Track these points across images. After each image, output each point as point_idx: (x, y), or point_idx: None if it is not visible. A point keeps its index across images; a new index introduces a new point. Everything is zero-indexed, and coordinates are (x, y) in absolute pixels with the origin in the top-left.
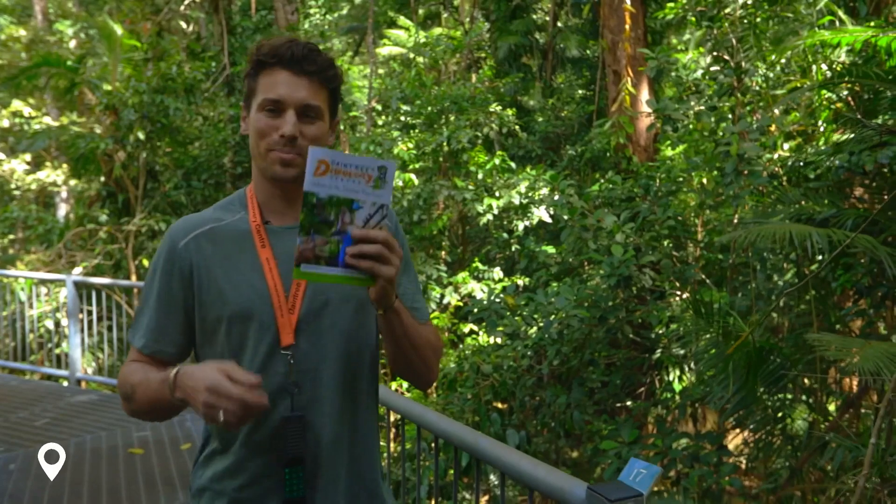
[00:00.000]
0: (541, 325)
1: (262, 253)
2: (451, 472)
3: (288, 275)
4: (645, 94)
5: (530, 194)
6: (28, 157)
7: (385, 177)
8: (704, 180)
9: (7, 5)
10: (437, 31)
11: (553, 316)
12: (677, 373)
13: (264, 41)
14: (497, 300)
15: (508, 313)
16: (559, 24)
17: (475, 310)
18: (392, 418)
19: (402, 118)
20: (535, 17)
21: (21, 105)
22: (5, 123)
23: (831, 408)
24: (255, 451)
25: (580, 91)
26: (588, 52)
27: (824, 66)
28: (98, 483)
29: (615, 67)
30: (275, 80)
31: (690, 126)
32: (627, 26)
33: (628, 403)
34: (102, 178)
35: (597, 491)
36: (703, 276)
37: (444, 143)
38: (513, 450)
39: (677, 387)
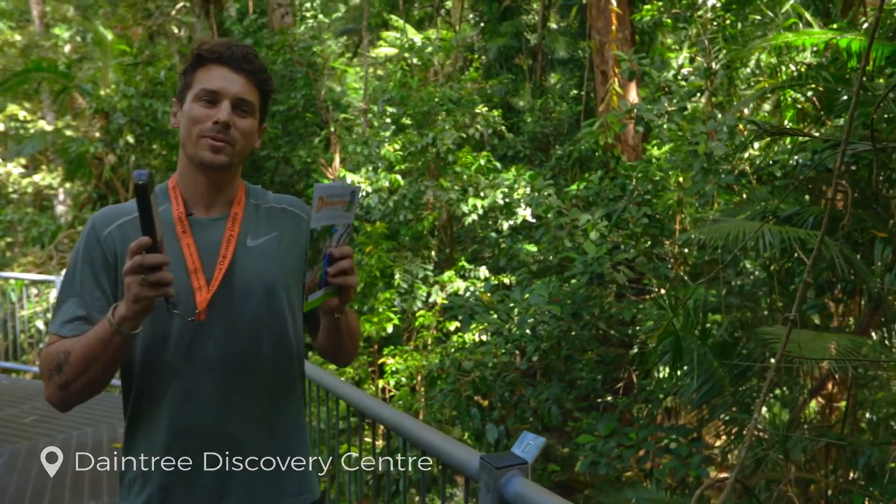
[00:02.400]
0: (516, 321)
1: (183, 239)
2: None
3: (210, 262)
4: (633, 94)
5: (511, 194)
6: (23, 160)
7: (354, 199)
8: (681, 179)
9: (6, 10)
10: (430, 32)
11: (526, 312)
12: (663, 369)
13: (204, 41)
14: (473, 298)
15: (490, 312)
16: (549, 25)
17: (453, 307)
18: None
19: (388, 120)
20: (525, 18)
21: (17, 109)
22: (0, 127)
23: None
24: (183, 436)
25: (574, 91)
26: (580, 52)
27: (793, 67)
28: (81, 477)
29: (603, 68)
30: (213, 74)
31: (672, 126)
32: (614, 27)
33: (609, 398)
34: (94, 181)
35: (487, 460)
36: (681, 273)
37: (431, 145)
38: (420, 423)
39: (648, 382)
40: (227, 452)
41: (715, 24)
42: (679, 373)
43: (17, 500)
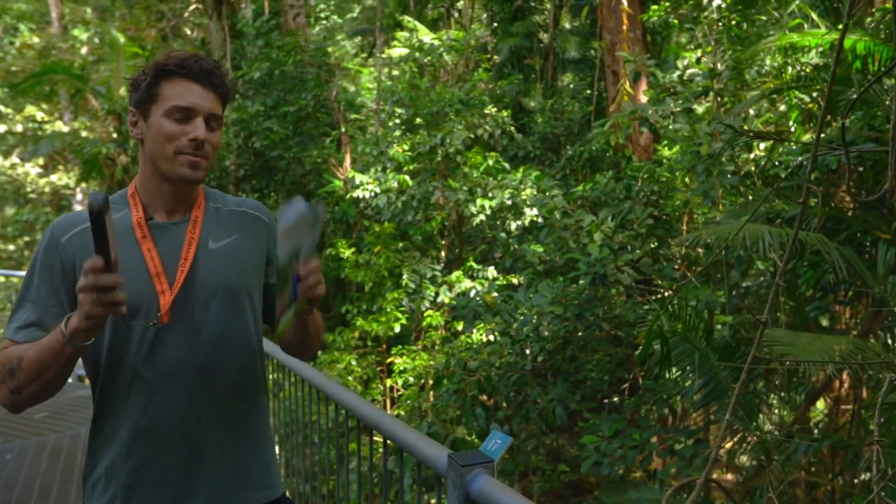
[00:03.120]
0: (519, 321)
1: (143, 244)
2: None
3: (172, 265)
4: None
5: (516, 195)
6: (41, 160)
7: (318, 216)
8: (687, 180)
9: (27, 12)
10: (442, 33)
11: (529, 312)
12: (670, 371)
13: (170, 53)
14: (477, 298)
15: (496, 313)
16: (560, 25)
17: (461, 307)
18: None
19: (397, 120)
20: (537, 18)
21: (35, 110)
22: (19, 128)
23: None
24: (145, 438)
25: (587, 91)
26: (592, 52)
27: (799, 68)
28: None
29: (614, 68)
30: (184, 90)
31: (677, 127)
32: (625, 27)
33: (615, 399)
34: (107, 181)
35: (454, 458)
36: (688, 274)
37: (439, 146)
38: (397, 421)
39: (652, 383)
40: (191, 452)
41: (721, 24)
42: (678, 373)
43: (25, 494)
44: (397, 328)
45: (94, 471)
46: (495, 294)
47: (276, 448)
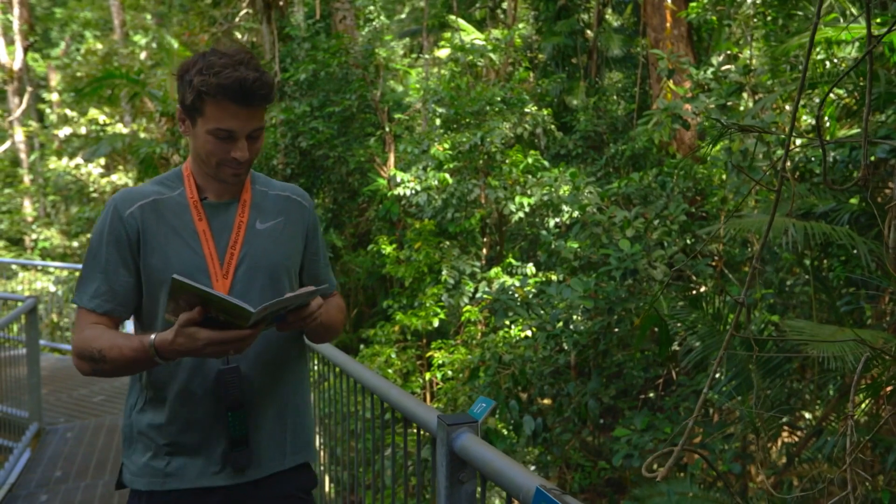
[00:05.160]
0: (550, 315)
1: (199, 225)
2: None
3: (222, 245)
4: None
5: (553, 192)
6: (103, 161)
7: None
8: (724, 177)
9: (91, 20)
10: (488, 33)
11: (560, 305)
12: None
13: (211, 61)
14: (512, 293)
15: (529, 308)
16: (604, 23)
17: (493, 300)
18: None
19: (438, 120)
20: (581, 16)
21: (98, 113)
22: (83, 130)
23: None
24: (190, 400)
25: (634, 89)
26: (638, 49)
27: (835, 62)
28: None
29: (658, 65)
30: (225, 112)
31: (712, 123)
32: (668, 24)
33: (651, 395)
34: None
35: (442, 419)
36: (725, 270)
37: (479, 144)
38: (402, 391)
39: (685, 378)
40: (233, 421)
41: (756, 20)
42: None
43: (83, 467)
44: (436, 323)
45: (139, 424)
46: (528, 289)
47: (320, 438)
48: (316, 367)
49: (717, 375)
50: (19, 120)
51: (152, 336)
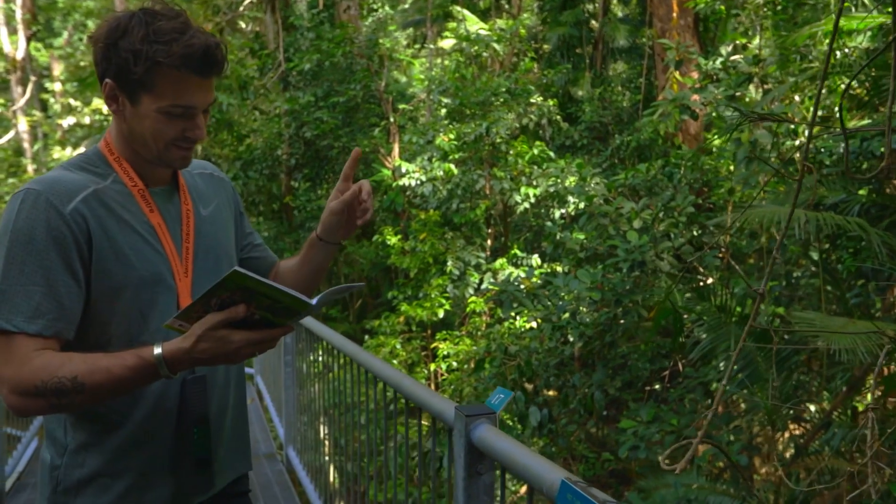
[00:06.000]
0: (557, 306)
1: (153, 218)
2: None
3: (177, 238)
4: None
5: (559, 183)
6: None
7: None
8: (731, 168)
9: (92, 8)
10: (492, 23)
11: (567, 297)
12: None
13: (160, 27)
14: (518, 284)
15: (535, 299)
16: (610, 14)
17: (500, 291)
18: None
19: (443, 110)
20: (586, 7)
21: (101, 103)
22: (87, 120)
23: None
24: (156, 421)
25: (639, 80)
26: (644, 39)
27: (846, 52)
28: None
29: (664, 56)
30: (185, 85)
31: (720, 114)
32: (675, 15)
33: (657, 387)
34: None
35: (460, 410)
36: (731, 262)
37: (485, 135)
38: (415, 381)
39: (692, 370)
40: (199, 438)
41: (766, 9)
42: (718, 360)
43: None
44: (441, 314)
45: (83, 468)
46: (535, 280)
47: (325, 428)
48: (320, 358)
49: (725, 367)
50: (23, 109)
51: (156, 347)
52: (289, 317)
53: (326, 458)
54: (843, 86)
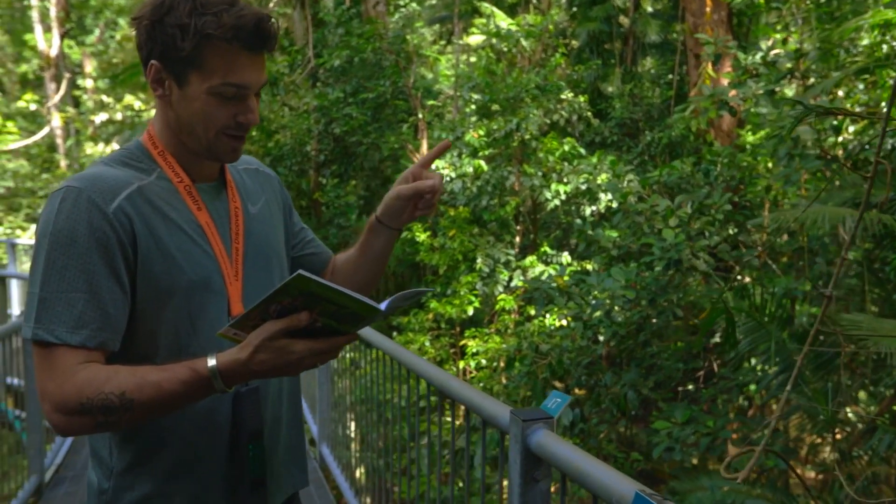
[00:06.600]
0: (591, 305)
1: (201, 217)
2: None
3: (226, 238)
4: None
5: (591, 180)
6: None
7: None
8: (770, 165)
9: (125, 6)
10: (521, 18)
11: (601, 296)
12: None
13: (214, 3)
14: (550, 282)
15: (569, 297)
16: (641, 9)
17: (533, 289)
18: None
19: (473, 106)
20: (616, 2)
21: (133, 99)
22: (118, 116)
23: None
24: (208, 434)
25: (668, 76)
26: (674, 35)
27: (894, 45)
28: None
29: (696, 51)
30: (237, 62)
31: (760, 111)
32: (708, 9)
33: (690, 387)
34: None
35: (516, 414)
36: (768, 261)
37: (515, 131)
38: (462, 383)
39: (727, 370)
40: (253, 456)
41: (809, 2)
42: (755, 361)
43: None
44: (470, 311)
45: (134, 490)
46: (567, 278)
47: (353, 424)
48: (349, 355)
49: (765, 368)
50: (56, 106)
51: (210, 359)
52: (354, 323)
53: (357, 454)
54: (890, 81)
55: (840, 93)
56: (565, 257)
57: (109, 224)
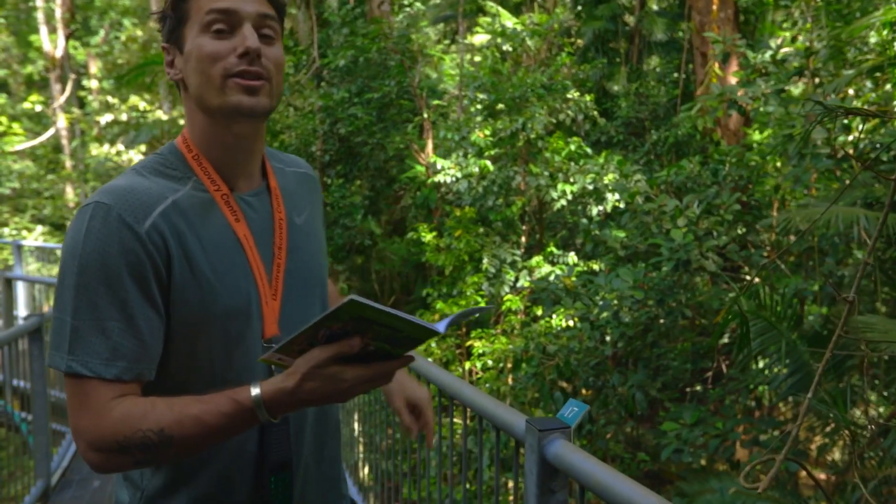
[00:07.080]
0: (599, 306)
1: (239, 229)
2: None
3: (266, 253)
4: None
5: (598, 179)
6: (143, 147)
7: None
8: (779, 164)
9: (129, 7)
10: (525, 18)
11: (609, 296)
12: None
13: None
14: (557, 282)
15: (576, 298)
16: (647, 7)
17: (540, 289)
18: None
19: (479, 106)
20: (622, 0)
21: (138, 100)
22: (124, 117)
23: None
24: (239, 463)
25: (674, 74)
26: (680, 33)
27: None
28: None
29: (703, 50)
30: None
31: (768, 109)
32: (715, 7)
33: (698, 388)
34: None
35: (532, 423)
36: (777, 261)
37: (521, 130)
38: (476, 389)
39: (736, 371)
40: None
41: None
42: (764, 361)
43: None
44: None
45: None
46: (574, 279)
47: (358, 425)
48: None
49: (774, 370)
50: (62, 107)
51: (253, 388)
52: (407, 346)
53: (360, 455)
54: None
55: (850, 91)
56: (572, 257)
57: (142, 245)
